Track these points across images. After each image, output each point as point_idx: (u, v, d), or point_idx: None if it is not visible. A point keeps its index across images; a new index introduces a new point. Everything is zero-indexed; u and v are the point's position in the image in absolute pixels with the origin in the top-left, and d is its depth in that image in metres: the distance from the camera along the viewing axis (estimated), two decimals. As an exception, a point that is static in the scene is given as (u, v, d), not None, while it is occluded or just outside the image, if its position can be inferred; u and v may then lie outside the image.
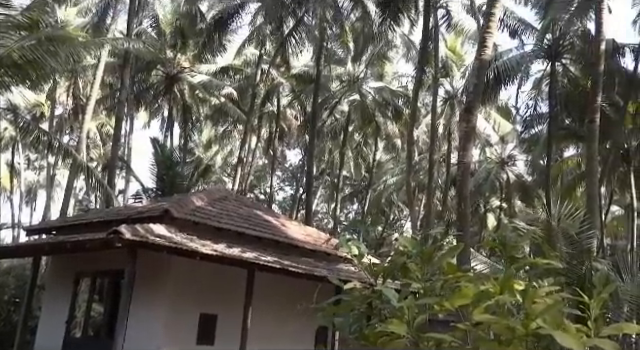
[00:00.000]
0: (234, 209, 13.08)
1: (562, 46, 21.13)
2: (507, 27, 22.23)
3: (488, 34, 14.22)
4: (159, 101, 28.27)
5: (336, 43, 26.58)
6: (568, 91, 21.21)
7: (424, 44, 21.43)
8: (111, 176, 19.61)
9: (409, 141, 22.60)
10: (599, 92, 14.79)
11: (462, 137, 15.42)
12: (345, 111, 30.44)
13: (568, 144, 25.47)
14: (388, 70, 30.88)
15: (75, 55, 13.39)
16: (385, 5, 21.81)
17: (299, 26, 24.83)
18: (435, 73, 23.11)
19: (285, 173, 40.00)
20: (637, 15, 20.55)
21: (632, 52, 19.76)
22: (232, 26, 25.29)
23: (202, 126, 31.90)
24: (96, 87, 18.66)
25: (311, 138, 25.37)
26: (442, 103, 27.77)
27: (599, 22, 14.80)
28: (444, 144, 29.22)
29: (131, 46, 18.09)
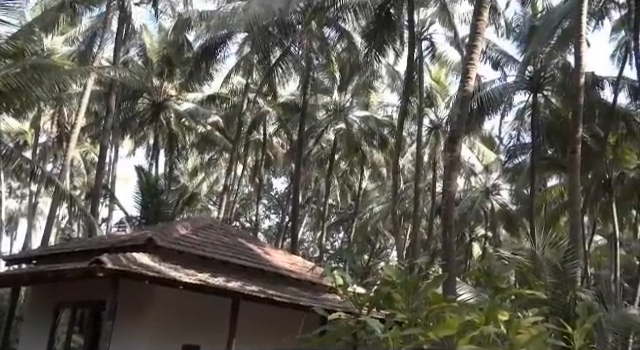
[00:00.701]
0: (219, 238, 12.98)
1: (543, 78, 21.59)
2: (490, 59, 22.73)
3: (471, 66, 14.41)
4: (145, 129, 28.21)
5: (322, 73, 26.85)
6: (550, 122, 21.59)
7: (409, 75, 21.73)
8: (94, 204, 19.40)
9: (394, 170, 22.73)
10: (580, 123, 15.00)
11: (447, 166, 15.51)
12: (331, 140, 30.60)
13: (551, 174, 25.80)
14: (374, 100, 31.20)
15: (60, 83, 13.38)
16: (370, 36, 22.13)
17: (286, 56, 25.10)
18: (420, 103, 23.42)
19: (271, 201, 39.90)
20: (615, 49, 21.14)
21: (611, 85, 20.25)
22: (219, 55, 25.48)
23: (188, 154, 31.83)
24: (81, 115, 18.59)
25: (297, 166, 25.43)
26: (427, 132, 28.06)
27: (578, 56, 15.11)
28: (429, 173, 29.43)
29: (117, 75, 18.14)
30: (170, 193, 21.69)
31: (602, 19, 19.80)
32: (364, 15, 22.43)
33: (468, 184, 32.20)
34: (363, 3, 22.08)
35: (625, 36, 20.17)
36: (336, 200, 36.80)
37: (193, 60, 25.05)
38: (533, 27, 21.00)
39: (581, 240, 15.81)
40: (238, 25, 22.69)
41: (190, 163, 34.85)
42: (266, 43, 24.42)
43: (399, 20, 21.86)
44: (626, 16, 19.41)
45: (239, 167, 29.68)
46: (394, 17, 21.71)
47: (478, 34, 14.52)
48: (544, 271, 10.64)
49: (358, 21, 22.99)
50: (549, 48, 19.98)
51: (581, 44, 15.13)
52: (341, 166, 33.49)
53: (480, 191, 30.39)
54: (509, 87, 21.77)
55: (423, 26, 24.27)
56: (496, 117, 23.03)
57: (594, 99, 19.54)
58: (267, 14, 21.41)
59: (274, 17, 21.87)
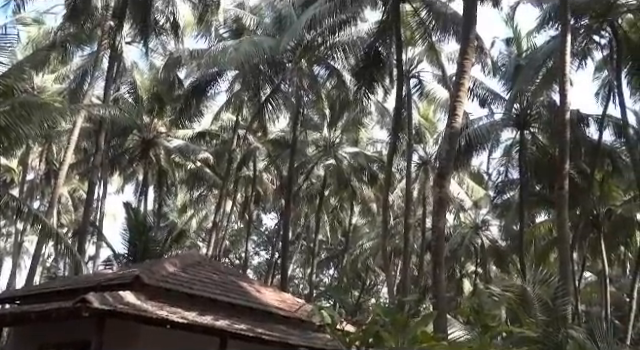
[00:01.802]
0: (207, 275, 12.81)
1: (530, 115, 21.98)
2: (477, 97, 23.11)
3: (458, 103, 14.66)
4: (134, 165, 28.18)
5: (312, 109, 27.13)
6: (537, 158, 21.85)
7: (398, 111, 21.98)
8: (81, 242, 19.17)
9: (384, 206, 22.76)
10: (567, 160, 15.20)
11: (436, 202, 15.58)
12: (321, 176, 30.68)
13: (539, 210, 25.94)
14: (363, 136, 31.45)
15: (50, 121, 13.41)
16: (360, 74, 22.50)
17: (276, 93, 25.38)
18: (409, 139, 23.64)
19: (261, 237, 39.65)
20: (598, 88, 21.63)
21: (596, 122, 20.63)
22: (210, 92, 25.76)
23: (177, 190, 31.74)
24: (70, 152, 18.57)
25: (287, 202, 25.38)
26: (416, 168, 28.25)
27: (563, 94, 15.43)
28: (419, 209, 29.48)
29: (107, 112, 18.22)
30: (159, 230, 21.47)
31: (585, 59, 20.30)
32: (353, 54, 22.84)
33: (458, 220, 32.26)
34: (352, 42, 22.52)
35: (608, 75, 20.66)
36: (326, 236, 36.66)
37: (184, 97, 25.25)
38: (518, 66, 21.45)
39: (571, 276, 15.82)
40: (229, 63, 22.99)
41: (179, 199, 34.70)
42: (256, 80, 24.74)
43: (388, 58, 22.24)
44: (608, 56, 19.92)
45: (228, 203, 29.59)
46: (383, 56, 22.14)
47: (464, 72, 14.81)
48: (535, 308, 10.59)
49: (347, 59, 23.39)
50: (534, 86, 20.39)
51: (565, 83, 15.48)
52: (331, 202, 33.49)
53: (470, 227, 30.42)
54: (496, 124, 22.09)
55: (411, 64, 24.74)
56: (484, 153, 23.34)
57: (580, 136, 19.86)
58: (258, 52, 21.77)
59: (265, 55, 22.20)
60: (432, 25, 21.08)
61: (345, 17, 21.10)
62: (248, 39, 22.71)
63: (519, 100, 21.65)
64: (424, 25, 21.29)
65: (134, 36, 22.92)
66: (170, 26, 21.50)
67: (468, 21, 15.04)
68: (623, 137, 20.07)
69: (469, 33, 14.95)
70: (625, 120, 19.23)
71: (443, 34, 21.39)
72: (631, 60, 18.80)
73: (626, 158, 20.27)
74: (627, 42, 18.56)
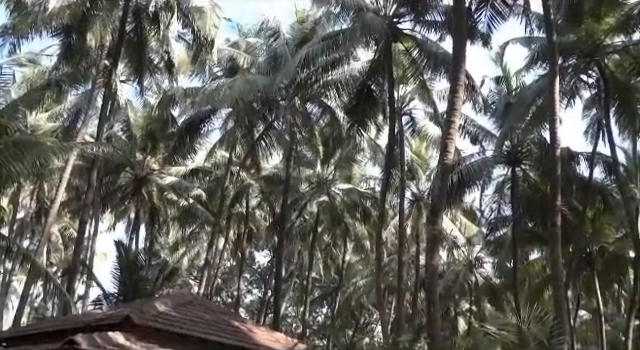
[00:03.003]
0: (199, 314, 12.60)
1: (521, 153, 22.17)
2: (468, 134, 23.38)
3: (450, 140, 14.82)
4: (126, 203, 28.07)
5: (305, 146, 27.26)
6: (529, 195, 21.93)
7: (390, 148, 22.15)
8: (71, 281, 18.88)
9: (377, 243, 22.67)
10: (558, 197, 15.28)
11: (429, 239, 15.57)
12: (314, 212, 30.60)
13: (533, 247, 25.90)
14: (356, 172, 31.58)
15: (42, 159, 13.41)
16: (353, 112, 22.74)
17: (269, 130, 25.58)
18: (402, 176, 23.73)
19: (253, 275, 39.23)
20: (587, 126, 21.93)
21: (586, 160, 20.83)
22: (203, 130, 25.90)
23: (169, 228, 31.53)
24: (61, 190, 18.49)
25: (280, 239, 25.24)
26: (409, 205, 28.25)
27: (553, 131, 15.63)
28: (412, 246, 29.37)
29: (100, 150, 18.24)
30: (150, 268, 21.21)
31: (573, 98, 20.64)
32: (346, 91, 23.11)
33: (451, 257, 32.13)
34: (345, 80, 22.82)
35: (596, 114, 20.97)
36: (319, 273, 36.32)
37: (177, 135, 25.35)
38: (508, 104, 21.77)
39: (566, 315, 15.68)
40: (223, 101, 23.22)
41: (171, 237, 34.44)
42: (250, 118, 24.95)
43: (380, 96, 22.55)
44: (596, 95, 20.27)
45: (221, 241, 29.39)
46: (375, 93, 22.44)
47: (455, 110, 15.02)
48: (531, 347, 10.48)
49: (340, 97, 23.64)
50: (525, 124, 20.67)
51: (555, 121, 15.69)
52: (324, 239, 33.30)
53: (463, 264, 30.27)
54: (488, 161, 22.24)
55: (403, 102, 25.04)
56: (476, 190, 23.39)
57: (571, 174, 19.99)
58: (252, 90, 22.03)
59: (259, 93, 22.46)
60: (423, 64, 21.46)
61: (338, 56, 21.46)
62: (242, 77, 23.04)
63: (510, 137, 21.87)
64: (415, 64, 21.68)
65: (128, 75, 23.19)
66: (164, 65, 21.78)
67: (458, 60, 15.35)
68: (613, 175, 20.23)
69: (459, 72, 15.23)
70: (615, 158, 19.43)
71: (434, 72, 21.79)
72: (618, 99, 19.10)
73: (617, 196, 20.38)
74: (614, 82, 18.90)
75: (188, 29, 21.63)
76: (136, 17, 20.03)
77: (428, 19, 20.59)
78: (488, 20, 18.61)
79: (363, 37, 20.45)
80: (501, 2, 18.07)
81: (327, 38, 20.63)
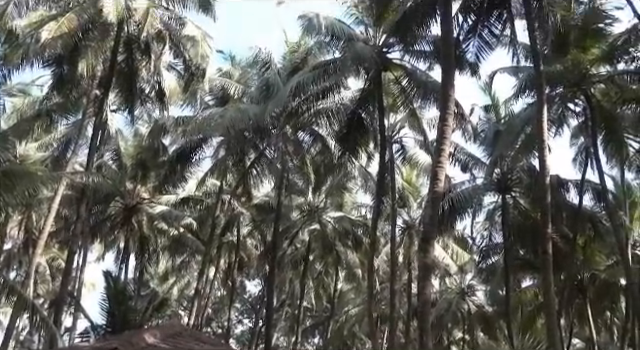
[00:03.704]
0: (189, 346, 12.38)
1: (511, 180, 22.31)
2: (458, 161, 23.49)
3: (440, 168, 14.85)
4: (115, 233, 27.78)
5: (297, 174, 27.26)
6: (520, 223, 21.99)
7: (381, 176, 22.21)
8: (58, 313, 18.53)
9: (369, 271, 22.55)
10: (549, 225, 15.31)
11: (421, 268, 15.47)
12: (305, 240, 30.47)
13: (525, 274, 25.86)
14: (347, 200, 31.55)
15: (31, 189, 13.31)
16: (344, 140, 22.82)
17: (261, 158, 25.60)
18: (393, 204, 23.73)
19: (244, 305, 38.81)
20: (576, 154, 22.16)
21: (575, 187, 20.98)
22: (194, 159, 25.86)
23: (159, 257, 31.21)
24: (50, 220, 18.31)
25: (271, 268, 25.04)
26: (401, 233, 28.22)
27: (542, 160, 15.74)
28: (404, 274, 29.22)
29: (90, 180, 18.13)
30: (139, 298, 20.95)
31: (561, 126, 20.87)
32: (337, 119, 23.22)
33: (443, 285, 31.98)
34: (336, 108, 22.96)
35: (584, 142, 21.20)
36: (311, 303, 35.98)
37: (168, 164, 25.29)
38: (498, 132, 21.98)
39: (559, 343, 15.57)
40: (214, 129, 23.27)
41: (161, 267, 34.06)
42: (241, 146, 24.98)
43: (371, 124, 22.69)
44: (583, 123, 20.52)
45: (211, 270, 29.11)
46: (366, 122, 22.58)
47: (445, 139, 15.11)
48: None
49: (332, 125, 23.73)
50: (514, 152, 20.84)
51: (544, 149, 15.83)
52: (316, 267, 33.10)
53: (456, 292, 30.12)
54: (478, 189, 22.34)
55: (393, 130, 25.20)
56: (467, 218, 23.40)
57: (560, 201, 20.11)
58: (243, 119, 22.10)
59: (250, 122, 22.53)
60: (413, 92, 21.68)
61: (329, 85, 21.62)
62: (234, 106, 23.13)
63: (499, 165, 22.03)
64: (405, 92, 21.89)
65: (119, 104, 23.22)
66: (155, 95, 21.80)
67: (447, 89, 15.49)
68: (602, 202, 20.36)
69: (448, 101, 15.35)
70: (604, 186, 19.57)
71: (424, 101, 21.99)
72: (605, 128, 19.33)
73: (606, 223, 20.47)
74: (600, 110, 19.14)
75: (179, 59, 21.75)
76: (127, 47, 20.13)
77: (417, 49, 20.85)
78: (476, 50, 18.86)
79: (353, 66, 20.69)
80: (488, 33, 18.35)
81: (318, 67, 20.82)
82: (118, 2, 17.65)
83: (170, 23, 20.63)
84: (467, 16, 17.78)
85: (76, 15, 17.40)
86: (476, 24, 17.78)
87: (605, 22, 17.82)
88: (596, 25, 17.86)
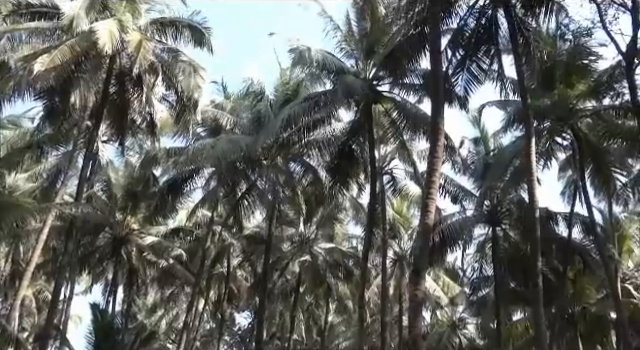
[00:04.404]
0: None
1: (500, 212, 22.41)
2: (449, 193, 23.61)
3: (430, 200, 14.87)
4: (104, 264, 27.46)
5: (288, 205, 27.23)
6: (510, 255, 22.00)
7: (372, 207, 22.21)
8: (43, 347, 18.18)
9: (360, 303, 22.35)
10: (539, 258, 15.33)
11: (412, 301, 15.37)
12: (296, 272, 30.26)
13: (516, 307, 25.74)
14: (338, 231, 31.49)
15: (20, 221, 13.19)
16: (334, 171, 22.90)
17: (252, 189, 25.59)
18: (383, 235, 23.73)
19: (233, 338, 38.22)
20: (564, 187, 22.36)
21: (564, 220, 21.10)
22: (185, 190, 25.80)
23: (147, 289, 30.83)
24: (37, 252, 18.04)
25: (261, 300, 24.78)
26: (392, 264, 28.14)
27: (531, 192, 15.84)
28: (395, 306, 29.01)
29: (79, 211, 17.99)
30: (127, 331, 20.63)
31: (549, 159, 21.09)
32: (328, 151, 23.31)
33: (434, 317, 31.75)
34: (327, 140, 23.08)
35: (572, 175, 21.41)
36: (301, 335, 35.56)
37: (159, 194, 25.19)
38: (487, 164, 22.20)
39: (551, 377, 15.44)
40: (206, 160, 23.29)
41: (150, 299, 33.62)
42: (233, 177, 24.98)
43: (361, 155, 22.79)
44: (571, 157, 20.75)
45: (201, 302, 28.77)
46: (356, 153, 22.69)
47: (435, 171, 15.18)
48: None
49: (323, 156, 23.82)
50: (503, 184, 21.00)
51: (532, 181, 15.95)
52: (306, 299, 32.81)
53: (447, 325, 29.90)
54: (468, 220, 22.40)
55: (384, 161, 25.37)
56: (458, 250, 23.39)
57: (550, 234, 20.18)
58: (235, 150, 22.17)
59: (241, 153, 22.59)
60: (403, 125, 21.87)
61: (320, 116, 21.80)
62: (225, 137, 23.21)
63: (489, 197, 22.16)
64: (395, 124, 22.08)
65: (110, 135, 23.22)
66: (147, 126, 21.83)
67: (437, 122, 15.62)
68: (591, 235, 20.46)
69: (438, 133, 15.47)
70: (592, 219, 19.70)
71: (414, 133, 22.18)
72: (592, 162, 19.56)
73: (596, 256, 20.53)
74: (587, 144, 19.39)
75: (172, 90, 21.86)
76: (119, 79, 20.22)
77: (407, 82, 21.16)
78: (465, 83, 19.09)
79: (344, 99, 20.92)
80: (477, 67, 18.63)
81: (309, 99, 21.02)
82: (112, 34, 17.78)
83: (163, 55, 20.80)
84: (456, 51, 18.06)
85: (69, 48, 17.51)
86: (465, 58, 18.07)
87: (590, 59, 18.20)
88: (581, 61, 18.24)
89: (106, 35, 17.38)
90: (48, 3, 18.49)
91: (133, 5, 19.65)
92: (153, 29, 20.38)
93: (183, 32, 20.70)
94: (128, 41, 18.54)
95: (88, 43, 17.66)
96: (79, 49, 17.81)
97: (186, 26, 20.50)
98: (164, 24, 20.57)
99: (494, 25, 17.25)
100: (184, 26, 20.52)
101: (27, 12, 18.20)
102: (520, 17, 16.94)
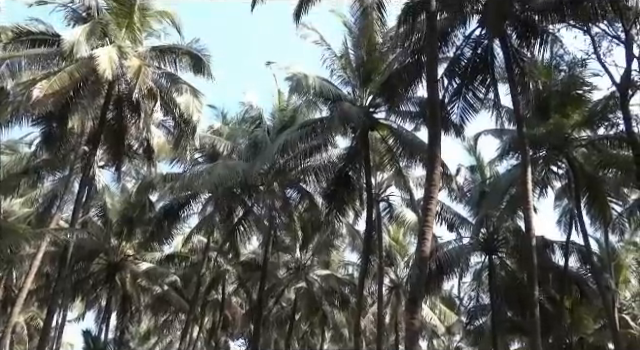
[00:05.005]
0: None
1: (497, 240, 22.37)
2: (445, 220, 23.57)
3: (427, 228, 14.79)
4: (98, 290, 27.19)
5: (284, 231, 27.12)
6: (507, 284, 21.89)
7: (368, 234, 22.10)
8: (34, 375, 17.82)
9: (356, 331, 22.13)
10: (535, 287, 15.22)
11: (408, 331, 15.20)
12: (292, 299, 30.01)
13: (513, 337, 25.49)
14: (335, 258, 31.33)
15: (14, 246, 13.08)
16: (331, 197, 22.84)
17: (248, 215, 25.52)
18: (380, 262, 23.59)
19: (228, 365, 37.68)
20: (560, 216, 22.35)
21: (561, 248, 21.04)
22: (182, 215, 25.70)
23: (141, 316, 30.46)
24: (30, 278, 17.79)
25: (256, 328, 24.50)
26: (388, 292, 27.92)
27: (528, 220, 15.81)
28: (392, 334, 28.70)
29: (74, 236, 17.84)
30: (119, 360, 20.32)
31: (545, 188, 21.16)
32: (325, 177, 23.31)
33: (431, 346, 31.39)
34: (324, 166, 23.10)
35: (568, 204, 21.43)
36: (296, 364, 35.06)
37: (155, 220, 25.08)
38: (483, 192, 22.22)
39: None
40: (203, 186, 23.23)
41: (143, 326, 33.18)
42: (229, 203, 24.92)
43: (358, 182, 22.77)
44: (567, 185, 20.80)
45: (195, 329, 28.42)
46: (353, 179, 22.67)
47: (432, 198, 15.13)
48: None
49: (319, 182, 23.81)
50: (499, 212, 20.99)
51: (529, 210, 15.94)
52: (302, 327, 32.45)
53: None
54: (465, 248, 22.31)
55: (380, 188, 25.37)
56: (455, 278, 23.25)
57: (547, 262, 20.10)
58: (231, 176, 22.16)
59: (238, 178, 22.57)
60: (399, 152, 21.88)
61: (316, 143, 21.85)
62: (222, 163, 23.23)
63: (485, 225, 22.13)
64: (392, 151, 22.12)
65: (107, 161, 23.19)
66: (144, 151, 21.81)
67: (433, 150, 15.65)
68: (588, 264, 20.39)
69: (435, 161, 15.47)
70: (588, 248, 19.66)
71: (410, 160, 22.17)
72: (588, 191, 19.62)
73: (593, 286, 20.44)
74: (583, 174, 19.47)
75: (170, 116, 21.91)
76: (118, 105, 20.25)
77: (403, 109, 21.27)
78: (461, 112, 19.20)
79: (341, 125, 20.95)
80: (472, 96, 18.77)
81: (306, 125, 21.10)
82: (112, 60, 17.88)
83: (161, 81, 20.90)
84: (452, 79, 18.22)
85: (68, 74, 17.60)
86: (461, 87, 18.21)
87: (584, 89, 18.38)
88: (576, 92, 18.41)
89: (106, 61, 17.46)
90: (48, 31, 18.64)
91: (133, 32, 19.81)
92: (152, 55, 20.50)
93: (182, 59, 20.83)
94: (128, 67, 18.62)
95: (87, 69, 17.75)
96: (78, 75, 17.89)
97: (185, 53, 20.64)
98: (163, 51, 20.70)
99: (490, 55, 17.44)
100: (183, 53, 20.65)
101: (27, 39, 18.32)
102: (515, 47, 17.14)
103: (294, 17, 16.26)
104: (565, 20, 16.09)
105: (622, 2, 14.52)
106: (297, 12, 16.26)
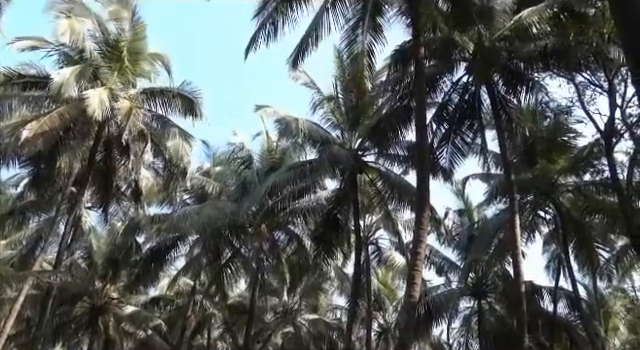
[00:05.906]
0: None
1: (485, 285, 22.25)
2: (434, 264, 23.51)
3: (416, 272, 14.65)
4: (80, 335, 26.44)
5: (272, 274, 26.80)
6: (496, 329, 21.65)
7: (357, 277, 21.90)
8: None
9: (344, 382, 21.66)
10: (525, 333, 15.08)
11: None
12: (279, 344, 29.43)
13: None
14: (323, 302, 30.94)
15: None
16: (319, 239, 22.70)
17: (236, 257, 25.23)
18: (368, 306, 23.29)
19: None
20: (548, 261, 22.36)
21: (549, 294, 20.95)
22: (169, 257, 25.36)
23: (123, 362, 29.57)
24: (10, 323, 17.25)
25: (242, 374, 23.92)
26: (376, 337, 27.46)
27: (516, 265, 15.77)
28: (381, 383, 28.14)
29: (57, 279, 17.45)
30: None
31: (533, 233, 21.21)
32: (313, 219, 23.22)
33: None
34: (312, 208, 23.02)
35: (556, 249, 21.46)
36: None
37: (141, 263, 24.69)
38: (471, 236, 22.22)
39: None
40: (190, 227, 23.00)
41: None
42: (217, 244, 24.65)
43: (346, 225, 22.69)
44: (554, 231, 20.87)
45: (178, 376, 27.59)
46: (341, 222, 22.58)
47: (421, 242, 15.05)
48: None
49: (307, 224, 23.69)
50: (488, 257, 20.95)
51: (517, 255, 15.91)
52: (289, 373, 31.70)
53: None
54: (454, 293, 22.18)
55: (369, 231, 25.30)
56: (444, 323, 22.99)
57: (536, 308, 19.96)
58: (219, 217, 21.98)
59: (226, 219, 22.40)
60: (388, 195, 21.94)
61: (305, 185, 21.79)
62: (211, 204, 23.09)
63: (474, 269, 22.03)
64: (380, 194, 22.16)
65: (94, 202, 22.97)
66: (132, 193, 21.65)
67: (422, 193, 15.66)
68: (577, 310, 20.26)
69: (424, 204, 15.48)
70: (577, 294, 19.60)
71: (399, 203, 22.22)
72: (575, 236, 19.70)
73: (582, 333, 20.26)
74: (570, 219, 19.59)
75: (159, 158, 21.85)
76: (107, 146, 20.20)
77: (392, 153, 21.43)
78: (449, 156, 19.38)
79: (329, 168, 21.03)
80: (460, 140, 18.99)
81: (294, 167, 21.11)
82: (102, 102, 17.91)
83: (152, 123, 20.94)
84: (440, 124, 18.47)
85: (58, 115, 17.60)
86: (449, 132, 18.43)
87: (569, 136, 18.68)
88: (561, 138, 18.70)
89: (96, 102, 17.48)
90: (40, 73, 18.70)
91: (125, 75, 19.95)
92: (143, 98, 20.59)
93: (173, 101, 20.94)
94: (118, 109, 18.67)
95: (78, 110, 17.75)
96: (68, 116, 17.89)
97: (176, 95, 20.75)
98: (154, 93, 20.80)
99: (477, 101, 17.75)
100: (174, 95, 20.76)
101: (19, 82, 18.36)
102: (502, 94, 17.47)
103: (291, 65, 16.48)
104: (550, 69, 16.48)
105: (604, 54, 14.92)
106: (294, 60, 16.50)
